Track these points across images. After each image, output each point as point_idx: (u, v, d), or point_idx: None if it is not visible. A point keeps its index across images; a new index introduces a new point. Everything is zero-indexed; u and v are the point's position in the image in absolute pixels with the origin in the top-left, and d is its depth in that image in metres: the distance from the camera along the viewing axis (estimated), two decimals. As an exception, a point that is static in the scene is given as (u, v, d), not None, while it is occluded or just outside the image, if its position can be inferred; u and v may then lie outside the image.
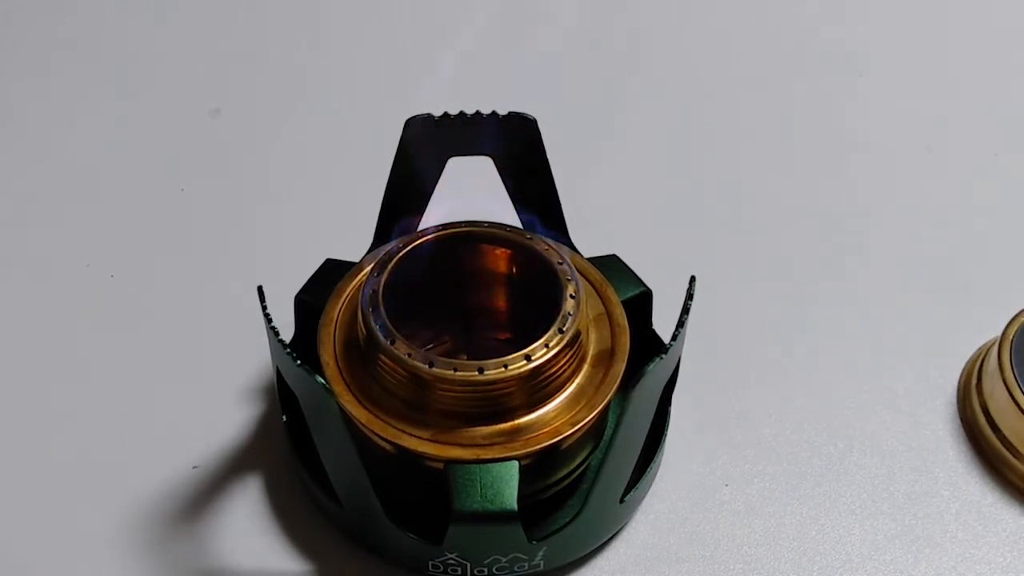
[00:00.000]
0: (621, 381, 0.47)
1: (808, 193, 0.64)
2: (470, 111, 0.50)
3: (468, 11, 0.74)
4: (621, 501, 0.48)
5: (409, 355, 0.45)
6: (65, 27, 0.73)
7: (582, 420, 0.46)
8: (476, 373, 0.44)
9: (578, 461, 0.48)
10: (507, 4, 0.75)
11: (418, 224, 0.52)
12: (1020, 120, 0.69)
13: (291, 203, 0.63)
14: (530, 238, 0.49)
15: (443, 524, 0.46)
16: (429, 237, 0.49)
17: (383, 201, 0.52)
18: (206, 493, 0.51)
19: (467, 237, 0.49)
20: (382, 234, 0.52)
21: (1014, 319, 0.53)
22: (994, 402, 0.53)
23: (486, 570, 0.47)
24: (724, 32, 0.74)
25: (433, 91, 0.68)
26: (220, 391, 0.54)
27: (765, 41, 0.73)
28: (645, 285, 0.51)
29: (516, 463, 0.45)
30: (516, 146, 0.51)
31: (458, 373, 0.45)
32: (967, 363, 0.56)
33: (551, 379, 0.46)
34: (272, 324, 0.43)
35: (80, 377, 0.55)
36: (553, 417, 0.46)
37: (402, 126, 0.50)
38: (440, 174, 0.51)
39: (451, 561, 0.47)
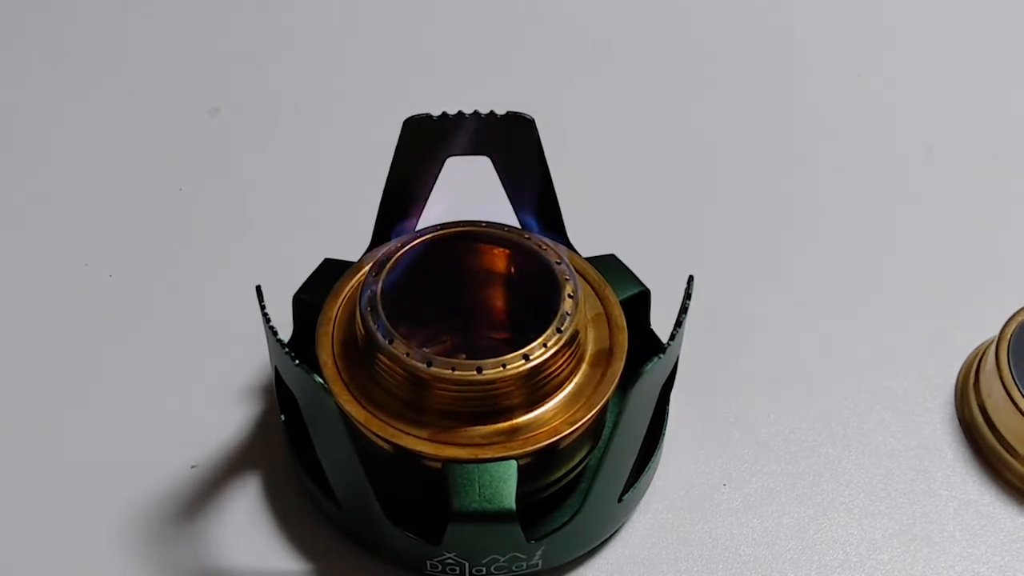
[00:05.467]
0: (619, 381, 0.47)
1: (807, 192, 0.64)
2: (469, 111, 0.50)
3: (467, 10, 0.74)
4: (619, 500, 0.48)
5: (407, 355, 0.45)
6: (63, 26, 0.73)
7: (580, 420, 0.46)
8: (474, 372, 0.45)
9: (576, 460, 0.48)
10: (507, 4, 0.75)
11: (416, 224, 0.52)
12: (1020, 120, 0.69)
13: (290, 202, 0.63)
14: (528, 238, 0.49)
15: (441, 523, 0.46)
16: (427, 237, 0.49)
17: (381, 201, 0.52)
18: (204, 493, 0.51)
19: (465, 237, 0.49)
20: (380, 234, 0.52)
21: (1012, 318, 0.53)
22: (992, 401, 0.53)
23: (484, 569, 0.47)
24: (723, 32, 0.74)
25: (432, 91, 0.68)
26: (219, 390, 0.55)
27: (764, 41, 0.73)
28: (643, 285, 0.52)
29: (514, 463, 0.45)
30: (514, 146, 0.51)
31: (456, 372, 0.45)
32: (965, 362, 0.56)
33: (549, 379, 0.46)
34: (270, 323, 0.44)
35: (78, 377, 0.55)
36: (551, 417, 0.46)
37: (400, 126, 0.50)
38: (438, 174, 0.51)
39: (449, 560, 0.47)
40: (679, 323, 0.44)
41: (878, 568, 0.50)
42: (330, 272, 0.50)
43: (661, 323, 0.51)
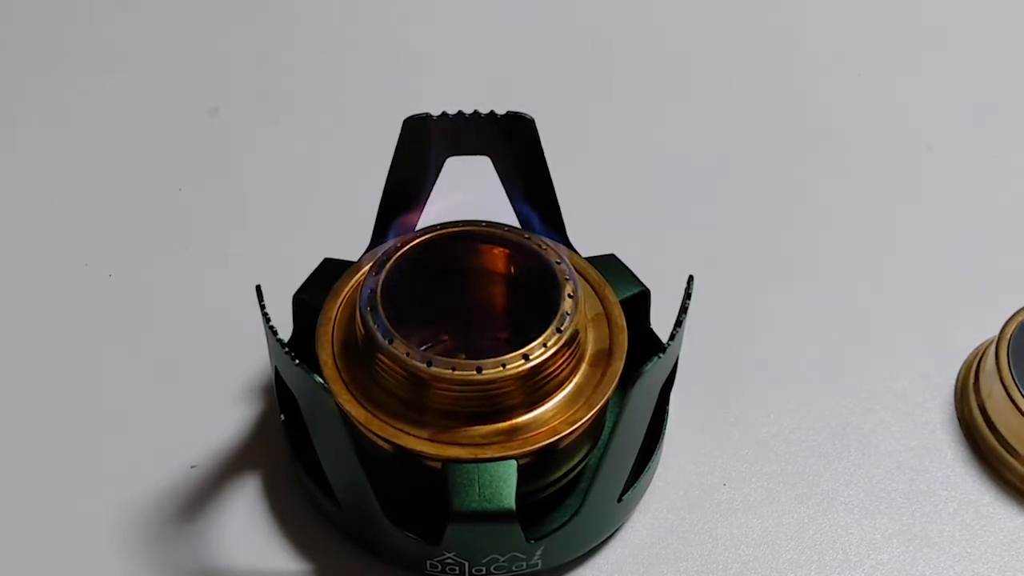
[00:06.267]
0: (619, 380, 0.47)
1: (807, 192, 0.64)
2: (468, 111, 0.50)
3: (467, 11, 0.74)
4: (619, 500, 0.48)
5: (407, 354, 0.45)
6: (63, 25, 0.73)
7: (580, 420, 0.46)
8: (474, 372, 0.45)
9: (576, 460, 0.48)
10: (507, 4, 0.75)
11: (416, 223, 0.52)
12: (1020, 120, 0.69)
13: (289, 202, 0.63)
14: (528, 237, 0.49)
15: (441, 523, 0.46)
16: (427, 236, 0.49)
17: (381, 200, 0.52)
18: (204, 493, 0.51)
19: (465, 236, 0.49)
20: (380, 233, 0.52)
21: (1012, 318, 0.53)
22: (992, 401, 0.53)
23: (484, 569, 0.47)
24: (723, 32, 0.74)
25: (432, 91, 0.68)
26: (218, 390, 0.55)
27: (764, 41, 0.73)
28: (643, 285, 0.52)
29: (514, 462, 0.45)
30: (514, 145, 0.51)
31: (456, 372, 0.45)
32: (965, 362, 0.56)
33: (549, 378, 0.46)
34: (270, 323, 0.44)
35: (78, 376, 0.55)
36: (551, 416, 0.46)
37: (400, 126, 0.50)
38: (438, 173, 0.51)
39: (449, 560, 0.47)
40: (679, 323, 0.44)
41: (878, 568, 0.50)
42: (330, 272, 0.50)
43: (661, 323, 0.51)
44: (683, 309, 0.44)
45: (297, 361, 0.42)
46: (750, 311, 0.59)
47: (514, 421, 0.45)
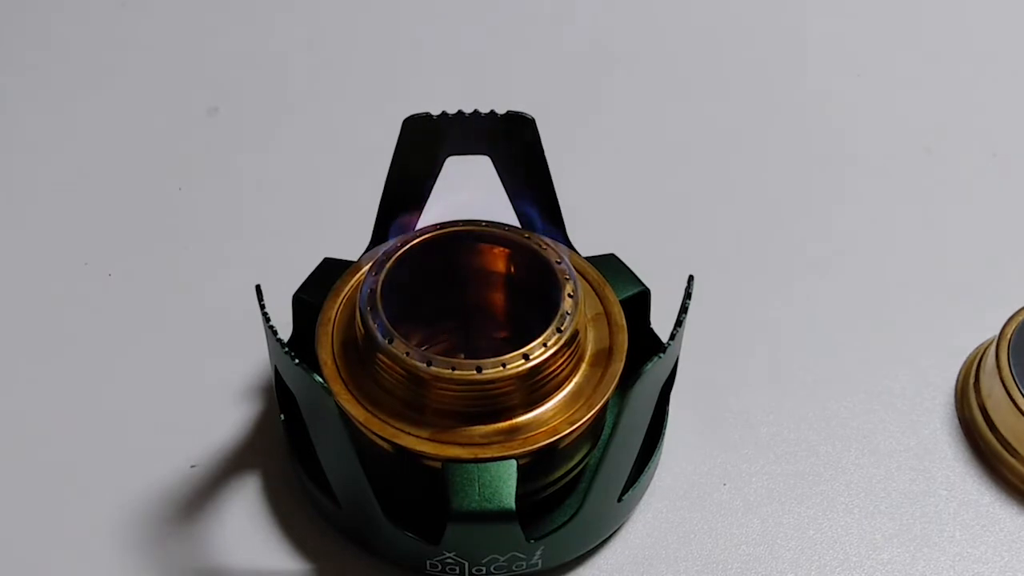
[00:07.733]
0: (619, 380, 0.47)
1: (806, 193, 0.64)
2: (468, 111, 0.50)
3: (468, 11, 0.74)
4: (619, 500, 0.48)
5: (407, 354, 0.45)
6: (63, 24, 0.73)
7: (580, 419, 0.46)
8: (474, 372, 0.45)
9: (576, 460, 0.48)
10: (507, 4, 0.75)
11: (416, 223, 0.52)
12: (1019, 120, 0.69)
13: (289, 202, 0.63)
14: (528, 237, 0.49)
15: (441, 523, 0.46)
16: (427, 236, 0.49)
17: (381, 200, 0.52)
18: (204, 492, 0.51)
19: (465, 236, 0.50)
20: (380, 233, 0.52)
21: (1012, 318, 0.53)
22: (992, 401, 0.53)
23: (484, 569, 0.47)
24: (722, 31, 0.74)
25: (432, 90, 0.68)
26: (218, 390, 0.55)
27: (763, 41, 0.73)
28: (643, 284, 0.52)
29: (514, 462, 0.45)
30: (514, 145, 0.51)
31: (456, 372, 0.45)
32: (965, 362, 0.56)
33: (549, 378, 0.46)
34: (270, 323, 0.44)
35: (78, 375, 0.55)
36: (551, 416, 0.46)
37: (400, 126, 0.50)
38: (438, 173, 0.51)
39: (449, 560, 0.47)
40: (679, 323, 0.44)
41: (878, 568, 0.50)
42: (330, 272, 0.50)
43: (661, 323, 0.51)
44: (683, 309, 0.44)
45: (297, 361, 0.42)
46: (750, 311, 0.59)
47: (514, 421, 0.45)
